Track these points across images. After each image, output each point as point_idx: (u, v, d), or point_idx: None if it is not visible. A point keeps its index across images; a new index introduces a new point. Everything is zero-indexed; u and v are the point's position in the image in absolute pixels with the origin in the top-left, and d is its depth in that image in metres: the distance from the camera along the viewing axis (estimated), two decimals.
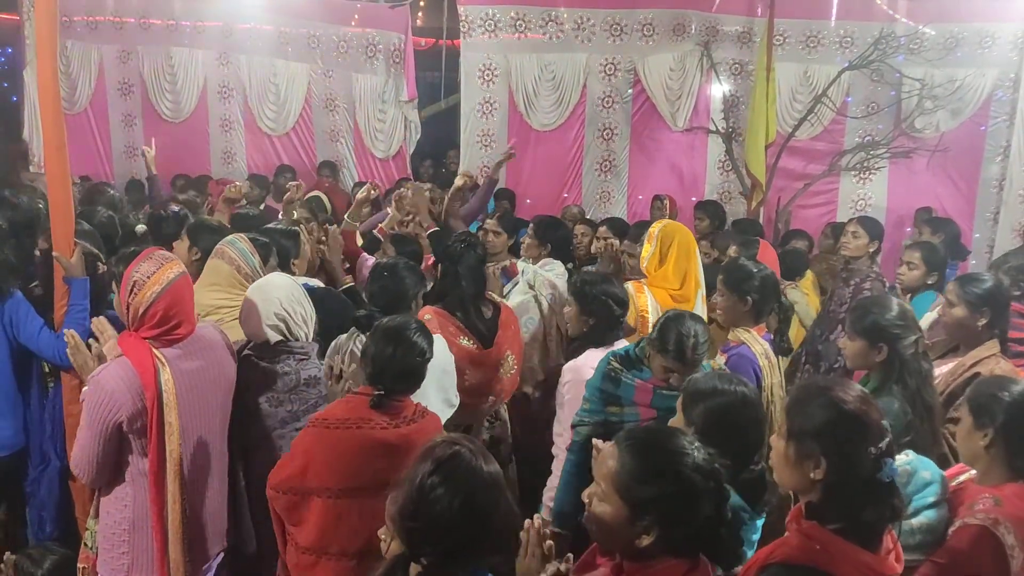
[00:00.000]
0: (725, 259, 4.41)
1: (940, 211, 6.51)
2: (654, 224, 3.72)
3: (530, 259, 4.30)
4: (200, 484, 2.45)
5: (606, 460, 1.63)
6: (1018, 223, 6.78)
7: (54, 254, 2.97)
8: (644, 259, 3.63)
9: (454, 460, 1.64)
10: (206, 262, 3.18)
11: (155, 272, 2.33)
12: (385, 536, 1.65)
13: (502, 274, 4.07)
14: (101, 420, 2.26)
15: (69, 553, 2.56)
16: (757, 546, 2.11)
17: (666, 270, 3.56)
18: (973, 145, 6.78)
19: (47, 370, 3.20)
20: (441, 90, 8.96)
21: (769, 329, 3.22)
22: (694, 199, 6.76)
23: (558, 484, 2.81)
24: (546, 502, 2.91)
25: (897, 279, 3.91)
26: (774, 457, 1.78)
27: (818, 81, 6.81)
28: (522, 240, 4.54)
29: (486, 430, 3.59)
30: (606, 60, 7.07)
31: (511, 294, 3.94)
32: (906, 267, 3.80)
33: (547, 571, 1.61)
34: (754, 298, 3.04)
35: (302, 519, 2.36)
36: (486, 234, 4.17)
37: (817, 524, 1.66)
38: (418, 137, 7.63)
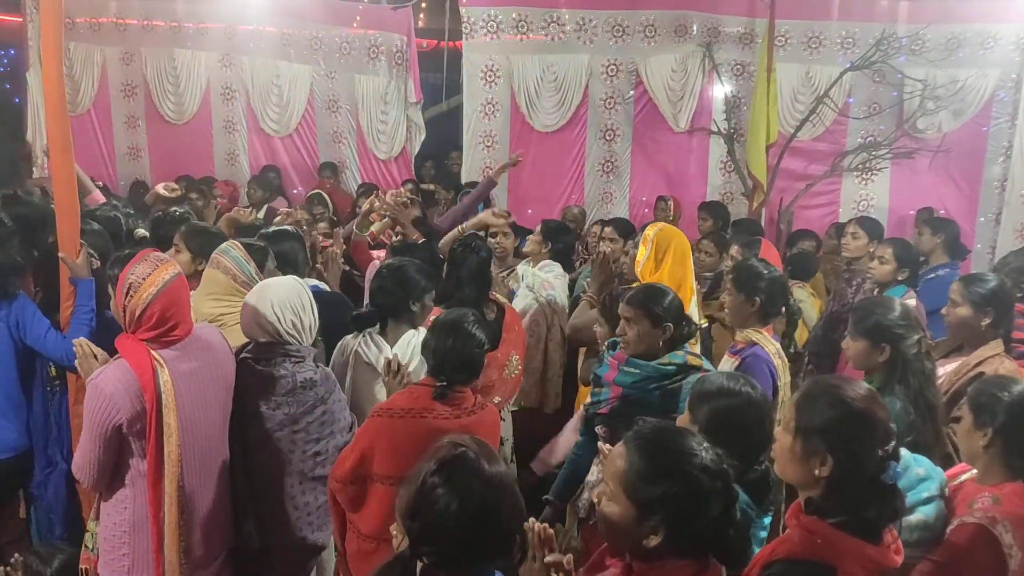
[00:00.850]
0: (726, 259, 4.41)
1: (942, 212, 6.50)
2: (649, 227, 3.68)
3: (531, 258, 4.30)
4: (200, 485, 2.43)
5: (615, 460, 1.63)
6: (1020, 223, 6.80)
7: (60, 255, 2.97)
8: (639, 262, 3.58)
9: (458, 460, 1.64)
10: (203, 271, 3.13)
11: (150, 274, 2.31)
12: (396, 532, 1.66)
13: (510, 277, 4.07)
14: (101, 423, 2.25)
15: (78, 552, 2.54)
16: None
17: (661, 275, 3.52)
18: (975, 146, 6.80)
19: (53, 373, 3.18)
20: (443, 92, 8.96)
21: (776, 332, 3.21)
22: (696, 200, 6.75)
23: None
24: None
25: (868, 273, 4.00)
26: (778, 451, 1.79)
27: (820, 82, 6.82)
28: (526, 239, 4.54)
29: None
30: (608, 61, 7.08)
31: (514, 301, 3.93)
32: (877, 262, 3.92)
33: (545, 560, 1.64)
34: (762, 299, 3.05)
35: (364, 507, 2.49)
36: (495, 236, 4.15)
37: (818, 518, 1.67)
38: (422, 138, 7.62)
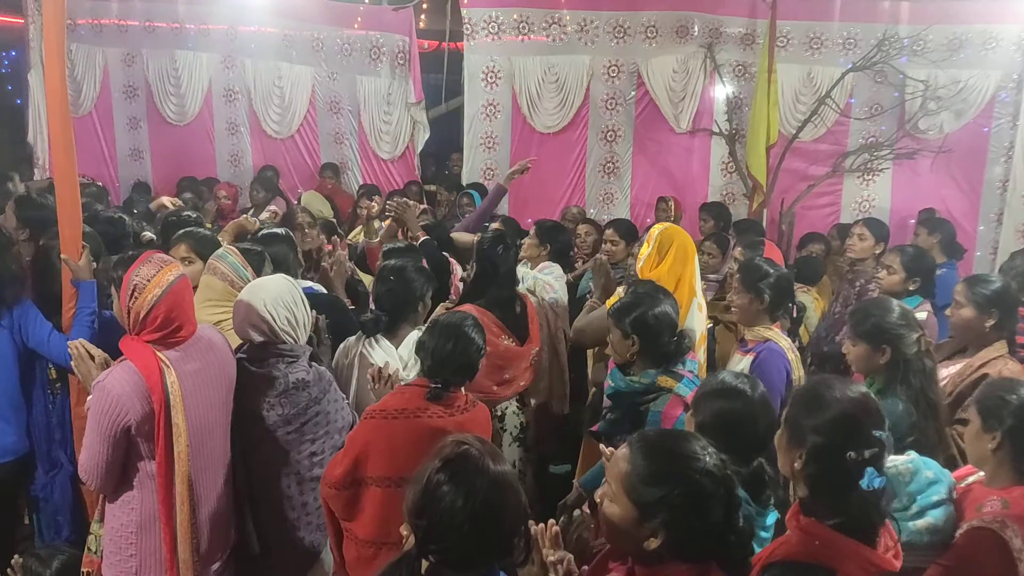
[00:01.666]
0: (729, 260, 4.41)
1: (944, 212, 6.50)
2: (655, 226, 3.70)
3: (529, 261, 4.30)
4: (206, 484, 2.45)
5: (618, 461, 1.64)
6: (1022, 224, 6.79)
7: (62, 257, 2.97)
8: (640, 259, 3.59)
9: (461, 459, 1.64)
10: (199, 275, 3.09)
11: (155, 275, 2.31)
12: (404, 531, 1.66)
13: None
14: (109, 425, 2.25)
15: (77, 553, 2.54)
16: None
17: (660, 272, 3.51)
18: (977, 146, 6.79)
19: (53, 375, 3.19)
20: (443, 93, 8.96)
21: (783, 330, 3.25)
22: (697, 201, 6.75)
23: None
24: None
25: (875, 283, 3.85)
26: (776, 439, 1.84)
27: (821, 82, 6.82)
28: (521, 242, 4.54)
29: (517, 415, 3.62)
30: (609, 62, 7.08)
31: None
32: (885, 271, 3.71)
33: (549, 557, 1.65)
34: (769, 295, 3.09)
35: (360, 512, 2.43)
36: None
37: (816, 520, 1.67)
38: (426, 137, 7.61)
